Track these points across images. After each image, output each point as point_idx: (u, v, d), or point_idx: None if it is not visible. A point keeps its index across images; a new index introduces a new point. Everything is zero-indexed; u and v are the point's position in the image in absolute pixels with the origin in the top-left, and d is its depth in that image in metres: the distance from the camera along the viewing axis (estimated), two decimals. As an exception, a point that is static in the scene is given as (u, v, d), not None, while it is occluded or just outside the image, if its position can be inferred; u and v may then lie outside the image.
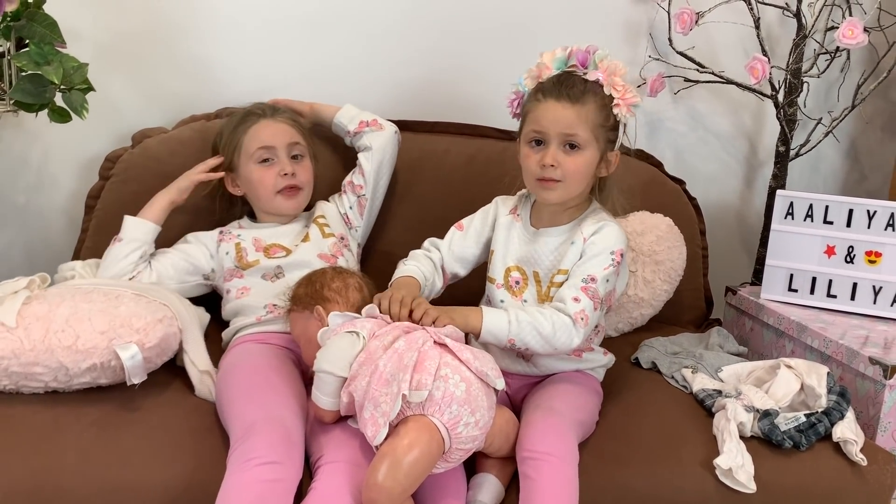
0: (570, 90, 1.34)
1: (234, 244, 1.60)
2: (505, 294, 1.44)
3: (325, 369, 1.23)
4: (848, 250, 1.75)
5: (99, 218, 1.71)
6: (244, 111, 1.65)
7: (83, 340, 1.26)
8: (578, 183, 1.38)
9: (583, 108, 1.34)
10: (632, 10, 1.98)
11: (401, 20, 1.90)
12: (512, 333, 1.32)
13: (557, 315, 1.32)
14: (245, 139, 1.61)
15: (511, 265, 1.45)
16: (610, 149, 1.38)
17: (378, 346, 1.20)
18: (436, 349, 1.19)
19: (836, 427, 1.34)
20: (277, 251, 1.59)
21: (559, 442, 1.23)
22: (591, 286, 1.35)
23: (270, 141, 1.60)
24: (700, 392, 1.46)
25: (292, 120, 1.65)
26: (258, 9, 1.84)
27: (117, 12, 1.78)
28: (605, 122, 1.35)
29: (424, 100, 1.94)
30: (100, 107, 1.75)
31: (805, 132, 2.02)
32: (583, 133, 1.34)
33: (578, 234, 1.39)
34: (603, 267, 1.36)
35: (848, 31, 1.77)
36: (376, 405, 1.15)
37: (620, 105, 1.34)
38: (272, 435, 1.17)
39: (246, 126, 1.61)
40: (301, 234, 1.63)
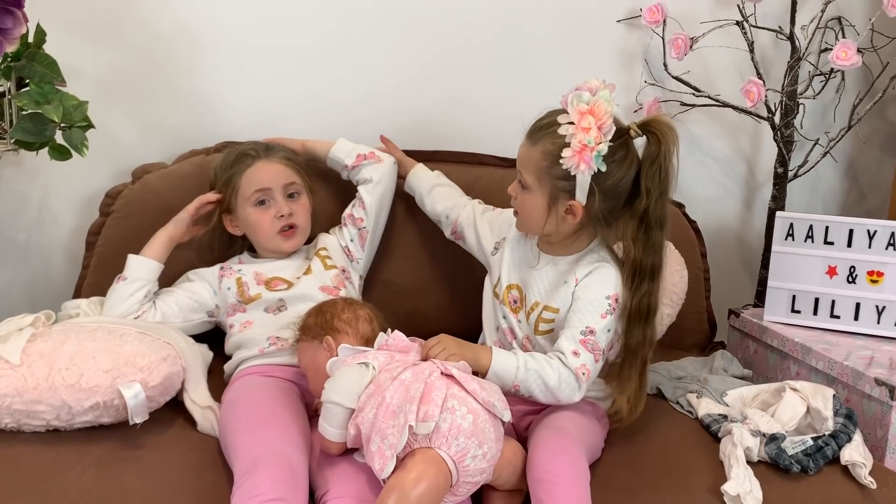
0: (536, 129, 1.35)
1: (236, 279, 1.59)
2: (506, 310, 1.46)
3: (333, 400, 1.22)
4: (850, 270, 1.75)
5: (100, 254, 1.71)
6: (238, 152, 1.64)
7: (87, 379, 1.26)
8: (529, 220, 1.39)
9: (531, 150, 1.34)
10: (627, 37, 1.99)
11: (398, 51, 1.92)
12: (518, 379, 1.31)
13: (563, 368, 1.32)
14: (241, 182, 1.59)
15: (512, 283, 1.46)
16: (565, 197, 1.33)
17: (386, 378, 1.20)
18: (442, 380, 1.18)
19: (844, 450, 1.33)
20: (279, 284, 1.58)
21: (570, 462, 1.22)
22: (590, 339, 1.33)
23: (266, 183, 1.59)
24: (705, 417, 1.45)
25: (287, 159, 1.64)
26: (256, 43, 1.85)
27: (116, 49, 1.80)
28: (551, 169, 1.31)
29: (423, 129, 1.95)
30: (100, 143, 1.74)
31: (802, 153, 2.02)
32: (527, 175, 1.34)
33: (572, 274, 1.38)
34: (600, 315, 1.35)
35: (842, 52, 1.79)
36: (383, 437, 1.14)
37: (565, 156, 1.28)
38: (277, 471, 1.16)
39: (241, 168, 1.60)
40: (302, 267, 1.62)
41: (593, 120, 1.27)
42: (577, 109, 1.28)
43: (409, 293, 1.78)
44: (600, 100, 1.28)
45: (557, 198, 1.34)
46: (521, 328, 1.45)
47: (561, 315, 1.39)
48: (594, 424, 1.38)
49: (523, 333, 1.44)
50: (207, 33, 1.82)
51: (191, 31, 1.82)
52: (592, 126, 1.27)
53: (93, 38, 1.78)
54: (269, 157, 1.61)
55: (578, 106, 1.28)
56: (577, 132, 1.28)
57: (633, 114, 2.01)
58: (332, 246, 1.68)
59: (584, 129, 1.27)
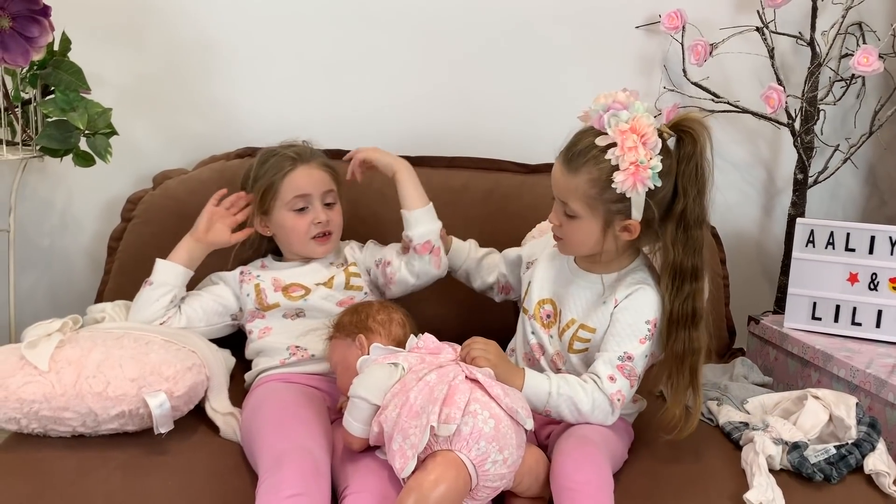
0: (574, 156, 1.29)
1: (254, 285, 1.58)
2: (536, 325, 1.44)
3: (360, 395, 1.23)
4: (871, 277, 1.73)
5: (121, 260, 1.73)
6: (278, 155, 1.59)
7: (113, 387, 1.27)
8: (580, 246, 1.36)
9: (574, 179, 1.29)
10: (646, 43, 1.99)
11: (417, 58, 1.92)
12: (550, 404, 1.30)
13: (598, 392, 1.30)
14: (282, 186, 1.56)
15: (545, 297, 1.44)
16: (620, 218, 1.30)
17: (412, 379, 1.21)
18: (467, 384, 1.19)
19: (868, 459, 1.32)
20: (296, 290, 1.57)
21: (595, 471, 1.21)
22: (627, 364, 1.32)
23: (307, 189, 1.56)
24: (726, 425, 1.45)
25: (326, 165, 1.62)
26: (277, 50, 1.87)
27: (139, 56, 1.82)
28: (601, 194, 1.28)
29: (443, 135, 1.95)
30: (122, 149, 1.76)
31: (823, 159, 2.01)
32: (574, 204, 1.30)
33: (612, 295, 1.36)
34: (639, 340, 1.32)
35: (863, 58, 1.78)
36: (405, 437, 1.15)
37: (617, 179, 1.25)
38: (301, 465, 1.17)
39: (283, 173, 1.57)
40: (324, 275, 1.60)
41: (637, 138, 1.24)
42: (617, 130, 1.24)
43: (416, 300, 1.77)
44: (638, 114, 1.25)
45: (612, 221, 1.31)
46: (551, 344, 1.43)
47: (597, 336, 1.37)
48: (618, 435, 1.37)
49: (554, 350, 1.42)
50: (228, 41, 1.84)
51: (212, 40, 1.84)
52: (638, 144, 1.24)
53: (116, 47, 1.80)
54: (309, 163, 1.59)
55: (619, 126, 1.24)
56: (625, 153, 1.24)
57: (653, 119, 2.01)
58: (360, 265, 1.64)
59: (630, 148, 1.24)
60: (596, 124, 1.28)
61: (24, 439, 1.32)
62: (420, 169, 1.84)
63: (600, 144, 1.27)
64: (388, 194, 1.64)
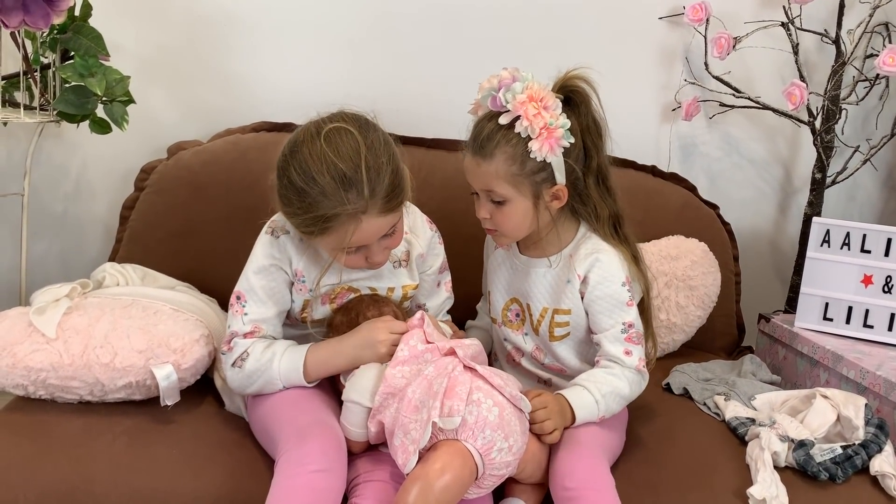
0: (482, 143, 1.28)
1: (304, 300, 1.35)
2: (507, 331, 1.44)
3: (352, 399, 1.23)
4: (886, 280, 1.72)
5: (133, 228, 1.73)
6: (332, 198, 1.18)
7: (121, 358, 1.27)
8: (517, 229, 1.33)
9: (491, 164, 1.27)
10: (668, 34, 1.97)
11: (440, 38, 1.91)
12: (602, 411, 1.31)
13: (628, 371, 1.32)
14: (328, 239, 1.24)
15: (508, 299, 1.43)
16: (546, 187, 1.29)
17: (409, 373, 1.20)
18: (466, 374, 1.18)
19: (874, 460, 1.31)
20: (346, 296, 1.37)
21: (590, 473, 1.21)
22: (632, 332, 1.34)
23: (367, 241, 1.25)
24: (733, 420, 1.44)
25: (393, 201, 1.23)
26: (297, 25, 1.86)
27: (159, 27, 1.82)
28: (522, 168, 1.26)
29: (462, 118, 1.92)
30: (139, 119, 1.77)
31: (842, 160, 1.99)
32: (498, 189, 1.28)
33: (572, 271, 1.35)
34: (626, 304, 1.34)
35: (888, 58, 1.76)
36: (406, 432, 1.14)
37: (534, 149, 1.24)
38: (326, 441, 1.17)
39: (337, 226, 1.20)
40: (388, 278, 1.39)
41: (537, 104, 1.24)
42: (516, 102, 1.24)
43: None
44: (530, 82, 1.26)
45: (540, 192, 1.30)
46: (527, 343, 1.43)
47: (574, 316, 1.37)
48: (611, 422, 1.35)
49: (531, 347, 1.43)
50: (249, 15, 1.84)
51: (233, 13, 1.83)
52: (539, 109, 1.24)
53: (137, 15, 1.80)
54: (373, 209, 1.20)
55: (517, 98, 1.24)
56: (532, 120, 1.24)
57: (672, 112, 1.99)
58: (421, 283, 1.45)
59: (534, 115, 1.24)
60: (492, 106, 1.28)
61: (31, 402, 1.33)
62: (437, 151, 1.86)
63: (504, 122, 1.26)
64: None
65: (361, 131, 1.22)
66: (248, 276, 1.31)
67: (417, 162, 1.83)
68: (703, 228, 1.88)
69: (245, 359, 1.27)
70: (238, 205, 1.67)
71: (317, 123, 1.24)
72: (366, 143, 1.21)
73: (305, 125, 1.26)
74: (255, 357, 1.27)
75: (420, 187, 1.80)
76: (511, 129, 1.26)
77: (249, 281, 1.31)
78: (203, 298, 1.54)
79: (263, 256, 1.31)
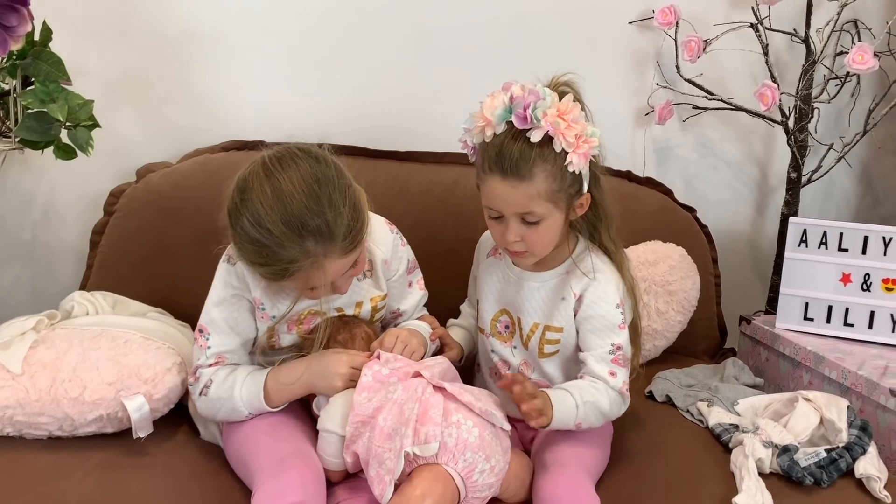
0: (517, 164, 1.21)
1: (268, 327, 1.31)
2: (495, 343, 1.41)
3: (327, 428, 1.20)
4: (864, 278, 1.72)
5: (104, 254, 1.70)
6: (284, 244, 1.13)
7: (90, 391, 1.24)
8: (548, 246, 1.31)
9: (531, 185, 1.21)
10: (638, 39, 1.96)
11: (409, 51, 1.89)
12: (579, 417, 1.27)
13: (610, 391, 1.30)
14: (293, 281, 1.19)
15: (498, 310, 1.41)
16: (577, 198, 1.28)
17: (381, 399, 1.17)
18: (437, 395, 1.16)
19: (859, 463, 1.31)
20: (313, 320, 1.32)
21: (575, 495, 1.19)
22: (619, 355, 1.31)
23: (331, 279, 1.20)
24: (716, 426, 1.43)
25: (353, 240, 1.18)
26: (265, 42, 1.83)
27: (124, 48, 1.78)
28: (562, 184, 1.23)
29: (433, 131, 1.92)
30: (107, 142, 1.73)
31: (816, 158, 1.99)
32: (538, 209, 1.23)
33: (568, 289, 1.33)
34: (618, 326, 1.32)
35: (858, 56, 1.76)
36: (380, 462, 1.12)
37: (573, 162, 1.21)
38: (304, 471, 1.14)
39: (295, 270, 1.15)
40: (351, 300, 1.35)
41: (568, 117, 1.21)
42: (548, 120, 1.19)
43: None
44: (553, 96, 1.22)
45: (572, 204, 1.28)
46: (514, 356, 1.40)
47: (565, 334, 1.35)
48: (595, 439, 1.34)
49: (519, 361, 1.40)
50: (215, 32, 1.81)
51: (198, 30, 1.80)
52: (568, 121, 1.21)
53: (99, 37, 1.77)
54: (334, 253, 1.16)
55: (547, 114, 1.20)
56: (566, 134, 1.20)
57: (645, 116, 1.99)
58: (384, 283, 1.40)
59: (567, 128, 1.20)
60: (520, 124, 1.21)
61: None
62: (410, 164, 1.84)
63: (537, 140, 1.20)
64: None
65: (313, 170, 1.16)
66: (208, 309, 1.28)
67: (391, 176, 1.82)
68: (681, 232, 1.87)
69: (209, 386, 1.25)
70: (209, 226, 1.60)
71: (264, 165, 1.17)
72: (319, 184, 1.15)
73: (252, 166, 1.18)
74: (218, 384, 1.25)
75: (394, 202, 1.80)
76: (544, 146, 1.21)
77: (210, 314, 1.28)
78: (175, 325, 1.51)
79: (222, 287, 1.28)
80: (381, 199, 1.73)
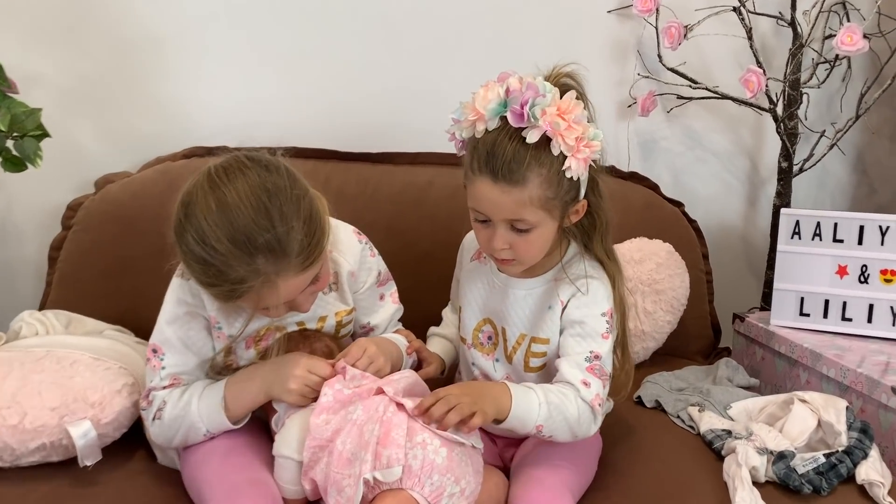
0: (509, 167, 1.09)
1: (225, 346, 1.22)
2: (476, 354, 1.31)
3: (283, 454, 1.11)
4: (861, 269, 1.63)
5: (62, 270, 1.62)
6: (231, 263, 1.03)
7: (31, 418, 1.15)
8: (538, 255, 1.20)
9: (524, 190, 1.10)
10: (617, 27, 1.89)
11: (377, 48, 1.82)
12: (541, 417, 1.13)
13: (580, 401, 1.15)
14: (248, 301, 1.09)
15: (481, 319, 1.30)
16: (572, 205, 1.17)
17: (339, 421, 1.08)
18: (401, 413, 1.06)
19: (860, 467, 1.22)
20: (273, 335, 1.24)
21: None
22: (596, 364, 1.19)
23: (288, 298, 1.11)
24: (708, 433, 1.34)
25: (309, 257, 1.08)
26: (225, 44, 1.75)
27: (79, 54, 1.71)
28: (557, 191, 1.12)
29: (405, 130, 1.85)
30: (64, 153, 1.68)
31: (808, 146, 1.92)
32: (530, 216, 1.12)
33: (555, 296, 1.22)
34: (601, 335, 1.20)
35: (846, 37, 1.68)
36: (339, 490, 1.03)
37: (572, 167, 1.10)
38: (259, 501, 1.06)
39: (246, 290, 1.05)
40: (314, 315, 1.26)
41: (568, 116, 1.09)
42: (547, 120, 1.07)
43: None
44: (554, 92, 1.10)
45: (567, 211, 1.16)
46: (496, 369, 1.29)
47: (552, 346, 1.24)
48: (579, 452, 1.24)
49: (501, 374, 1.29)
50: (173, 34, 1.73)
51: (156, 33, 1.73)
52: (569, 122, 1.09)
53: (53, 43, 1.69)
54: (288, 271, 1.06)
55: (546, 112, 1.08)
56: (566, 136, 1.08)
57: (628, 108, 1.91)
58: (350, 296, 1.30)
59: (567, 129, 1.08)
60: (515, 122, 1.09)
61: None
62: (382, 166, 1.77)
63: (533, 141, 1.08)
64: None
65: (262, 180, 1.05)
66: (161, 327, 1.19)
67: (363, 178, 1.74)
68: (669, 228, 1.79)
69: (163, 408, 1.17)
70: (170, 238, 1.56)
71: (209, 176, 1.06)
72: (269, 195, 1.04)
73: (197, 177, 1.07)
74: (173, 404, 1.17)
75: (367, 205, 1.72)
76: (540, 147, 1.09)
77: (164, 332, 1.18)
78: (131, 343, 1.42)
79: (175, 304, 1.19)
80: (352, 202, 1.69)
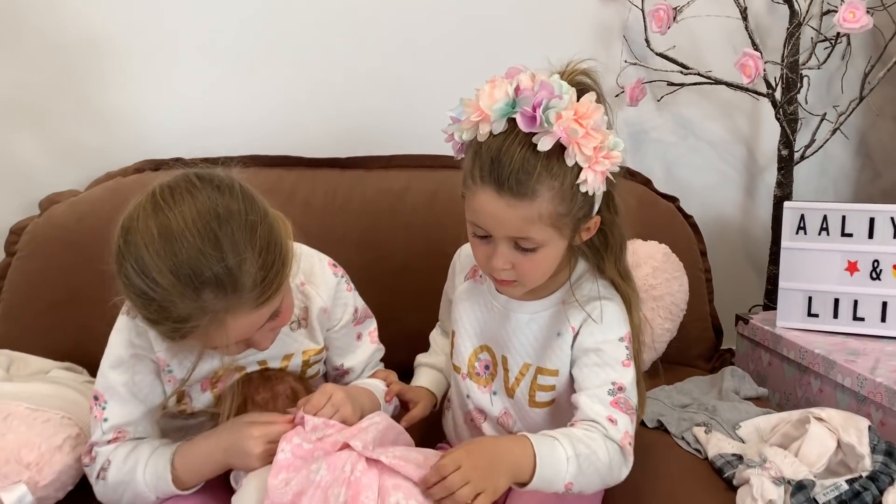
0: (517, 177, 0.96)
1: (175, 390, 1.10)
2: (471, 386, 1.17)
3: None
4: (873, 265, 1.52)
5: (6, 302, 1.48)
6: (178, 301, 0.90)
7: (-44, 485, 1.03)
8: (542, 277, 1.07)
9: (532, 206, 0.97)
10: (602, 11, 1.76)
11: (344, 45, 1.68)
12: (570, 474, 0.99)
13: (609, 441, 1.03)
14: (196, 341, 0.98)
15: (478, 345, 1.17)
16: (584, 223, 1.04)
17: (301, 481, 0.95)
18: (371, 471, 0.94)
19: (888, 495, 1.10)
20: (233, 375, 1.12)
21: None
22: (621, 397, 1.06)
23: (242, 336, 0.99)
24: (717, 458, 1.22)
25: (266, 291, 0.95)
26: (177, 47, 1.62)
27: (15, 61, 1.57)
28: (570, 207, 0.99)
29: (377, 133, 1.72)
30: (5, 172, 1.55)
31: (809, 131, 1.80)
32: (537, 235, 1.00)
33: (564, 322, 1.09)
34: (622, 363, 1.07)
35: (848, 13, 1.56)
36: None
37: (588, 181, 0.97)
38: None
39: (186, 332, 0.94)
40: (279, 352, 1.14)
41: (587, 122, 0.95)
42: (562, 125, 0.94)
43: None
44: (571, 93, 0.96)
45: (579, 227, 1.04)
46: (493, 404, 1.16)
47: (562, 378, 1.11)
48: (581, 500, 1.10)
49: (499, 410, 1.16)
50: (120, 38, 1.59)
51: (101, 37, 1.59)
52: (587, 127, 0.95)
53: (-13, 52, 1.55)
54: (240, 308, 0.93)
55: (563, 116, 0.94)
56: (583, 145, 0.95)
57: (615, 98, 1.78)
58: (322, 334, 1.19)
59: (585, 136, 0.95)
60: (525, 126, 0.95)
61: None
62: (353, 172, 1.64)
63: (545, 148, 0.95)
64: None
65: (213, 203, 0.92)
66: (104, 371, 1.06)
67: (332, 186, 1.61)
68: (663, 225, 1.67)
69: (107, 468, 1.04)
70: (111, 268, 1.42)
71: (153, 198, 0.93)
72: (219, 221, 0.91)
73: (140, 199, 0.95)
74: (117, 465, 1.04)
75: (337, 214, 1.59)
76: (553, 157, 0.96)
77: (107, 378, 1.06)
78: (80, 383, 1.29)
79: (121, 346, 1.06)
80: (320, 214, 1.57)
